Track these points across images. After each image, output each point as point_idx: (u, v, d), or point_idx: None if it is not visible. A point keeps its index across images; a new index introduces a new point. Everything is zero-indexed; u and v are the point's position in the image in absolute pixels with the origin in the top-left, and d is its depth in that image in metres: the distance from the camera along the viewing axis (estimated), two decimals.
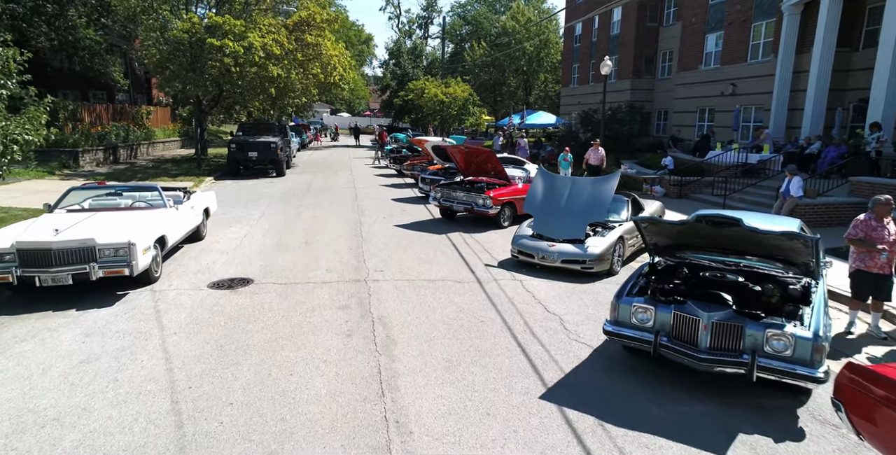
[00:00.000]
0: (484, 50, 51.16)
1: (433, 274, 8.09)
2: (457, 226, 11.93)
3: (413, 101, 35.56)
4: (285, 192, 16.49)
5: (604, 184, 8.42)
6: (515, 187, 12.04)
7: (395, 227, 11.63)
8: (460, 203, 11.75)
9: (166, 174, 18.75)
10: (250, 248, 9.51)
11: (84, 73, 26.68)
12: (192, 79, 18.65)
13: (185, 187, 10.02)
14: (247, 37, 18.43)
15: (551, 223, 8.49)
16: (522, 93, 54.38)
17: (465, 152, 12.19)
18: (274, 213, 12.98)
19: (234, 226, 11.37)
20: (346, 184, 18.75)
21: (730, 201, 13.14)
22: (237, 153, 19.51)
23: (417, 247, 9.83)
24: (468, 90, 35.53)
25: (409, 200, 15.38)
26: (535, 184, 8.99)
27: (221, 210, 12.98)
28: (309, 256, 8.96)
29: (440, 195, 12.14)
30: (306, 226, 11.49)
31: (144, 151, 25.50)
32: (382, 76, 52.07)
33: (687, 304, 4.67)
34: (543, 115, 27.00)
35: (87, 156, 19.77)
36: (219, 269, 8.09)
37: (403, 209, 13.88)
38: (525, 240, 8.50)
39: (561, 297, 7.17)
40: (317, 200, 14.93)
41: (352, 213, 13.06)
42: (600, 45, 34.59)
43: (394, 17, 64.64)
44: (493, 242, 10.41)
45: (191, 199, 9.41)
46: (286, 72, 19.83)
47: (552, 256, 8.07)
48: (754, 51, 20.86)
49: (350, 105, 70.14)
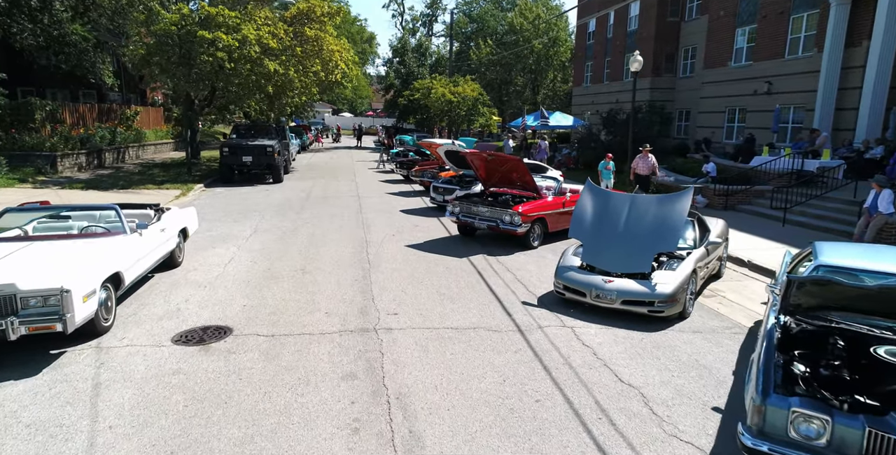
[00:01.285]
0: (490, 48, 49.48)
1: (460, 318, 6.41)
2: (477, 245, 10.25)
3: (419, 100, 33.86)
4: (282, 202, 14.83)
5: (673, 203, 6.73)
6: (546, 201, 10.37)
7: (406, 247, 9.96)
8: (483, 219, 10.07)
9: (152, 181, 17.12)
10: (235, 278, 7.85)
11: (72, 72, 25.05)
12: (182, 74, 17.00)
13: (157, 204, 8.36)
14: (241, 29, 16.78)
15: (606, 252, 6.80)
16: (530, 92, 52.69)
17: (488, 160, 10.51)
18: (267, 228, 11.32)
19: (218, 246, 9.71)
20: (348, 192, 17.08)
21: (790, 215, 11.44)
22: (230, 158, 17.87)
23: (436, 276, 8.16)
24: (478, 89, 33.83)
25: (420, 212, 13.71)
26: (583, 202, 7.30)
27: (207, 225, 11.34)
28: (305, 291, 7.29)
29: (458, 210, 10.47)
30: (303, 246, 9.83)
31: (134, 155, 23.87)
32: (386, 75, 50.40)
33: (889, 417, 2.99)
34: (559, 115, 25.29)
35: (66, 160, 18.14)
36: (191, 312, 6.43)
37: (415, 224, 12.21)
38: (573, 273, 6.82)
39: (631, 356, 5.49)
40: (317, 212, 13.27)
41: (356, 230, 11.39)
42: (616, 41, 32.89)
43: (397, 15, 62.85)
44: (524, 268, 8.74)
45: (162, 219, 7.75)
46: (284, 68, 18.18)
47: (610, 295, 6.39)
48: (793, 45, 19.14)
49: (352, 105, 68.51)
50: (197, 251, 9.31)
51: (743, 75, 21.44)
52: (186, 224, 8.68)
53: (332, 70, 20.47)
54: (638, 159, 14.25)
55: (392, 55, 49.09)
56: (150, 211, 8.06)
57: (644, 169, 14.08)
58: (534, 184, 10.31)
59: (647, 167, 14.05)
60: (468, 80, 34.73)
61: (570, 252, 7.39)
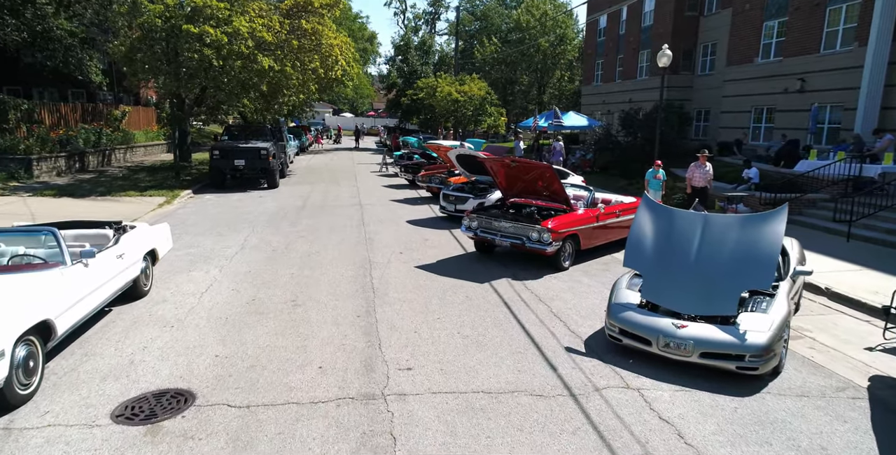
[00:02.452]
0: (495, 46, 48.05)
1: (493, 376, 4.99)
2: (498, 266, 8.83)
3: (423, 100, 32.42)
4: (276, 210, 13.41)
5: (764, 226, 5.28)
6: (577, 214, 8.94)
7: (416, 268, 8.54)
8: (505, 236, 8.65)
9: (135, 187, 15.70)
10: (211, 312, 6.44)
11: (59, 70, 23.67)
12: (167, 71, 15.59)
13: (118, 222, 6.94)
14: (232, 22, 15.36)
15: (675, 287, 5.38)
16: (536, 91, 51.27)
17: (511, 167, 9.08)
18: (256, 244, 9.90)
19: (197, 268, 8.29)
20: (349, 198, 15.66)
21: (856, 229, 10.01)
22: (221, 161, 16.46)
23: (454, 309, 6.74)
24: (485, 88, 32.36)
25: (429, 223, 12.29)
26: (641, 222, 5.86)
27: (188, 240, 9.94)
28: (294, 333, 5.87)
29: (476, 224, 9.04)
30: (296, 268, 8.40)
31: (121, 157, 22.46)
32: (388, 74, 48.96)
33: None
34: (573, 115, 23.85)
35: (43, 164, 16.75)
36: (147, 367, 5.01)
37: (424, 237, 10.78)
38: (632, 313, 5.39)
39: (730, 439, 4.06)
40: (314, 224, 11.85)
41: (358, 246, 9.96)
42: (629, 38, 31.46)
43: (399, 13, 61.44)
44: (559, 297, 7.32)
45: (121, 241, 6.32)
46: (280, 64, 16.77)
47: (684, 345, 4.97)
48: (829, 39, 17.69)
49: (353, 105, 67.11)
50: (170, 275, 7.90)
51: (771, 72, 19.99)
52: (155, 245, 7.26)
53: (332, 66, 19.05)
54: (693, 168, 12.08)
55: (394, 53, 47.65)
56: (109, 230, 6.65)
57: (701, 179, 11.93)
58: (564, 194, 8.88)
59: (705, 178, 11.93)
60: (475, 79, 33.27)
61: (623, 284, 5.96)
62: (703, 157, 11.98)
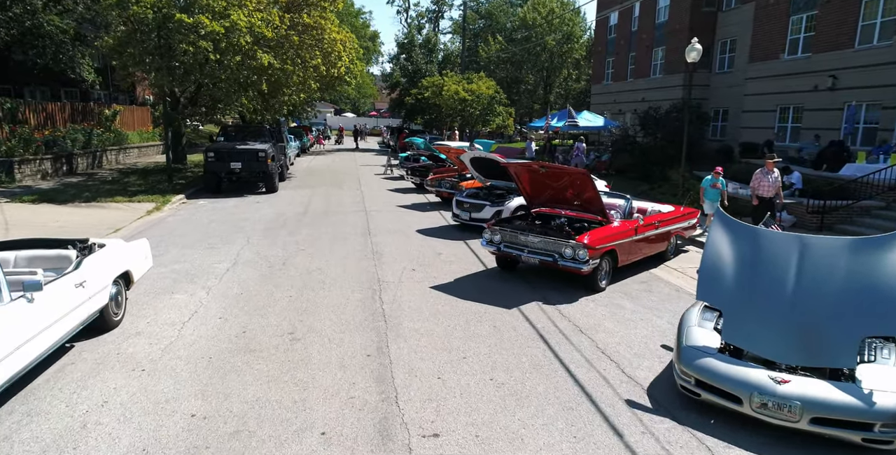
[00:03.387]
0: (501, 45, 46.95)
1: (543, 447, 3.90)
2: (525, 285, 7.75)
3: (429, 99, 31.31)
4: (274, 218, 12.34)
5: (884, 252, 4.18)
6: (614, 227, 7.85)
7: (432, 289, 7.46)
8: (534, 252, 7.56)
9: (123, 191, 14.63)
10: (192, 350, 5.37)
11: (50, 68, 22.62)
12: (159, 65, 14.53)
13: (83, 240, 5.86)
14: (229, 15, 14.30)
15: (766, 329, 4.30)
16: (542, 91, 50.17)
17: (540, 173, 8.00)
18: (251, 259, 8.83)
19: (181, 289, 7.22)
20: (353, 204, 14.59)
21: None
22: (216, 164, 15.38)
23: (482, 344, 5.66)
24: (494, 87, 31.24)
25: (442, 233, 11.21)
26: (716, 244, 4.77)
27: (175, 253, 8.88)
28: (291, 381, 4.80)
29: (499, 238, 7.96)
30: (295, 289, 7.33)
31: (113, 159, 21.42)
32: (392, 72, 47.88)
33: None
34: (588, 115, 22.74)
35: (26, 167, 15.70)
36: (104, 432, 3.94)
37: (437, 251, 9.70)
38: (712, 361, 4.31)
39: None
40: (315, 234, 10.77)
41: (364, 261, 8.88)
42: (642, 34, 30.35)
43: (402, 11, 60.34)
44: (601, 326, 6.24)
45: (84, 265, 5.25)
46: (280, 61, 15.71)
47: (788, 406, 3.88)
48: (865, 34, 16.57)
49: (355, 105, 66.06)
50: (150, 297, 6.83)
51: (799, 69, 18.89)
52: (130, 266, 6.18)
53: (335, 63, 17.99)
54: (760, 176, 10.04)
55: (398, 51, 46.54)
56: (72, 251, 5.57)
57: (770, 188, 9.98)
58: (600, 204, 7.79)
59: (774, 186, 9.99)
60: (482, 77, 32.15)
61: (693, 319, 4.87)
62: (770, 163, 10.05)
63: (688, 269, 8.81)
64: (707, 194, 10.81)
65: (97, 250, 5.74)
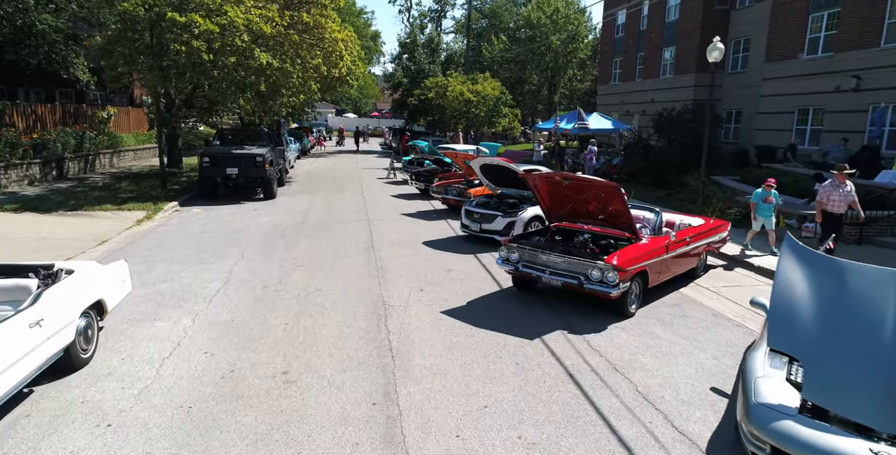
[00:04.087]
0: (504, 44, 46.22)
1: None
2: (545, 310, 7.00)
3: (432, 100, 30.55)
4: (271, 228, 11.61)
5: None
6: (643, 244, 7.10)
7: (444, 315, 6.72)
8: (556, 274, 6.81)
9: (113, 198, 13.89)
10: (170, 395, 4.63)
11: (44, 68, 21.89)
12: (150, 65, 13.81)
13: (48, 267, 5.12)
14: (225, 11, 13.57)
15: (858, 386, 3.54)
16: (546, 91, 49.43)
17: (563, 185, 7.25)
18: (244, 277, 8.09)
19: (165, 315, 6.49)
20: (355, 211, 13.84)
21: None
22: (212, 169, 14.66)
23: (506, 389, 4.91)
24: (499, 88, 30.46)
25: (450, 245, 10.46)
26: (788, 278, 4.00)
27: (163, 269, 8.16)
28: (285, 440, 4.05)
29: (517, 257, 7.22)
30: (292, 316, 6.58)
31: (107, 162, 20.71)
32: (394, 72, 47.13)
33: None
34: (598, 117, 21.97)
35: (12, 172, 14.98)
36: None
37: (447, 267, 8.95)
38: (791, 425, 3.55)
39: None
40: (314, 247, 10.03)
41: (368, 279, 8.14)
42: (651, 34, 29.58)
43: (404, 10, 59.58)
44: (637, 363, 5.49)
45: (42, 300, 4.50)
46: (279, 61, 14.97)
47: None
48: (892, 31, 15.80)
49: (357, 105, 65.34)
50: (129, 325, 6.10)
51: (820, 69, 18.12)
52: (103, 294, 5.44)
53: (336, 63, 17.25)
54: (829, 188, 8.90)
55: (400, 51, 45.77)
56: (33, 281, 4.83)
57: (841, 203, 8.79)
58: (630, 219, 7.03)
59: (846, 201, 8.80)
60: (488, 78, 31.38)
61: (758, 368, 4.11)
62: (841, 175, 8.75)
63: (722, 289, 8.07)
64: (759, 210, 9.55)
65: (63, 279, 5.00)
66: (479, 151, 18.92)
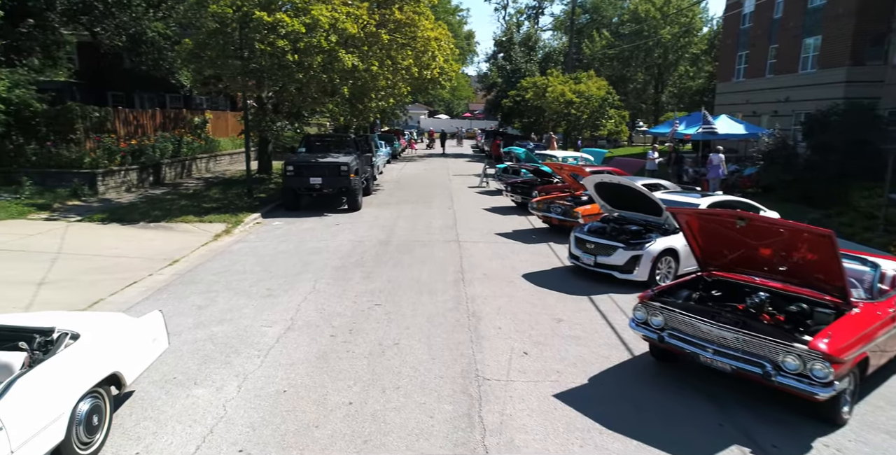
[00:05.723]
0: (607, 40, 43.05)
1: None
2: (706, 402, 4.98)
3: (530, 101, 28.51)
4: (350, 250, 10.34)
5: None
6: (860, 316, 4.83)
7: (558, 401, 4.91)
8: (723, 354, 4.76)
9: (196, 209, 13.35)
10: None
11: (152, 74, 22.67)
12: (237, 68, 13.17)
13: (46, 332, 3.94)
14: (310, 11, 12.60)
15: None
16: (653, 90, 45.52)
17: (731, 225, 5.15)
18: (311, 320, 6.76)
19: (208, 376, 5.23)
20: (444, 229, 12.31)
21: None
22: (295, 179, 13.80)
23: None
24: (605, 87, 27.82)
25: (556, 281, 8.56)
26: None
27: (223, 306, 7.05)
28: None
29: (659, 321, 5.24)
30: (358, 389, 5.08)
31: (203, 167, 20.88)
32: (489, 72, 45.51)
33: None
34: (726, 120, 18.89)
35: (110, 179, 15.05)
36: None
37: (556, 315, 7.10)
38: None
39: None
40: (396, 278, 8.56)
41: (457, 332, 6.49)
42: (788, 23, 25.56)
43: (500, 8, 57.79)
44: None
45: (11, 392, 3.27)
46: (367, 63, 13.83)
47: None
48: None
49: (449, 106, 64.52)
50: (162, 390, 4.90)
51: None
52: (119, 366, 4.20)
53: (428, 63, 15.88)
54: None
55: (495, 50, 44.01)
56: (19, 355, 3.64)
57: None
58: (843, 280, 4.80)
59: None
60: (592, 75, 28.80)
61: None
62: None
63: None
64: None
65: (62, 349, 3.80)
66: (582, 161, 16.76)
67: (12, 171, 13.96)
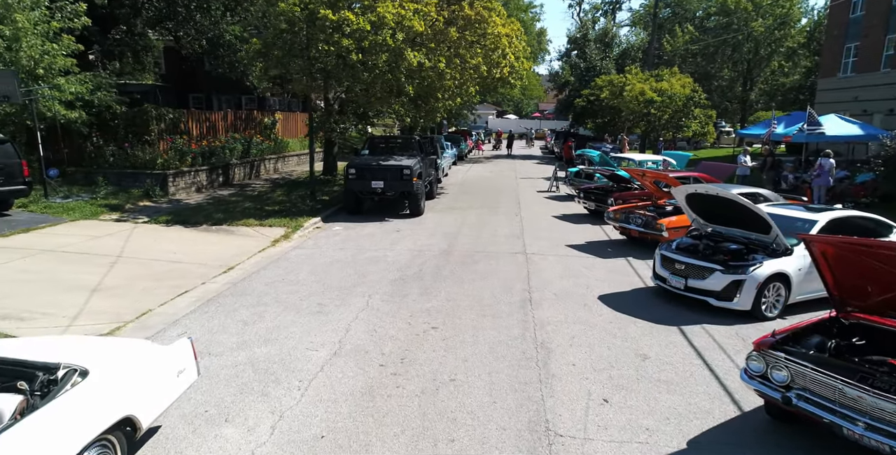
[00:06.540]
0: (690, 35, 40.31)
1: None
2: None
3: (605, 100, 26.92)
4: (409, 261, 9.68)
5: None
6: None
7: None
8: (879, 430, 3.60)
9: (258, 212, 13.21)
10: None
11: (227, 76, 23.28)
12: (301, 68, 12.91)
13: (51, 369, 3.46)
14: (376, 8, 12.09)
15: None
16: (740, 87, 42.17)
17: (876, 266, 3.97)
18: (360, 344, 6.11)
19: (239, 415, 4.67)
20: (510, 239, 11.42)
21: None
22: (357, 182, 13.37)
23: None
24: (690, 84, 25.76)
25: (640, 306, 7.47)
26: None
27: (269, 324, 6.58)
28: None
29: (786, 377, 4.13)
30: (406, 442, 4.33)
31: (272, 168, 21.08)
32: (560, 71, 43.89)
33: None
34: (835, 120, 16.69)
35: (181, 179, 15.29)
36: None
37: (641, 351, 6.06)
38: None
39: None
40: (456, 296, 7.79)
41: (522, 366, 5.62)
42: None
43: (574, 5, 55.75)
44: None
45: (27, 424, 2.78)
46: (433, 61, 13.17)
47: None
48: None
49: (518, 106, 63.16)
50: (189, 427, 4.38)
51: None
52: (133, 408, 3.66)
53: (498, 62, 15.01)
54: None
55: (569, 47, 42.32)
56: (14, 398, 3.16)
57: None
58: None
59: None
60: (675, 73, 26.80)
61: None
62: None
63: None
64: None
65: (65, 391, 3.29)
66: (666, 165, 15.30)
67: (92, 172, 14.46)
